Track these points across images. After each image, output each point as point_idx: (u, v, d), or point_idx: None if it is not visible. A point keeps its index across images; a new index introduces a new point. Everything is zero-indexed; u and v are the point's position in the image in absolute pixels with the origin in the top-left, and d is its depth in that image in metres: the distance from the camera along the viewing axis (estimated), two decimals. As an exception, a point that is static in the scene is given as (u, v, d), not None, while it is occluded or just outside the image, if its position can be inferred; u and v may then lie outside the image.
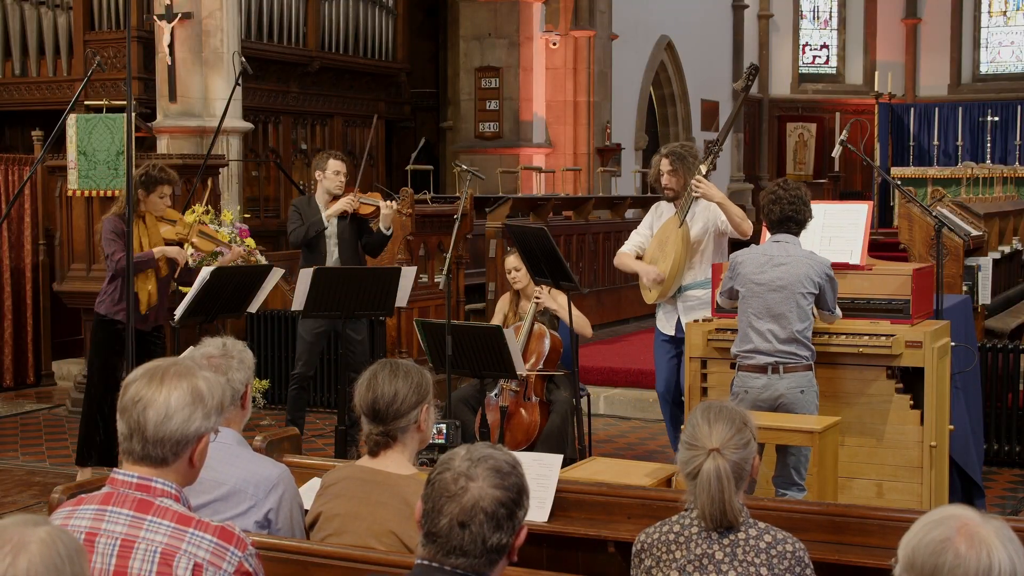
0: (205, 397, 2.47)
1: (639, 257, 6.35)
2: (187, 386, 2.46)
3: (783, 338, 5.02)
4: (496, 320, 6.81)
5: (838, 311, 5.23)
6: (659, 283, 6.14)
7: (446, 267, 6.30)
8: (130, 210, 5.68)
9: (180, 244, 6.59)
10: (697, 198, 6.07)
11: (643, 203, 13.24)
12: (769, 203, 5.20)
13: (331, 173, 7.16)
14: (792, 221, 5.16)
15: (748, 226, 6.12)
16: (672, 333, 6.25)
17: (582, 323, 6.50)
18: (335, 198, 7.17)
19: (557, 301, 6.49)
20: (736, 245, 6.03)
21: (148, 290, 6.39)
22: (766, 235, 5.39)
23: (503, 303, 6.87)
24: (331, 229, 7.20)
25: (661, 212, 6.40)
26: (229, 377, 3.35)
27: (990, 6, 23.15)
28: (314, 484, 3.45)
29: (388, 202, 7.13)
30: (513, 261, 6.68)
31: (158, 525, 2.38)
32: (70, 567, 1.83)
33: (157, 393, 2.44)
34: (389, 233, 7.25)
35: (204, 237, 6.70)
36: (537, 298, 6.47)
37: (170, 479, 2.46)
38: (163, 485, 2.44)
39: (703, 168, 6.06)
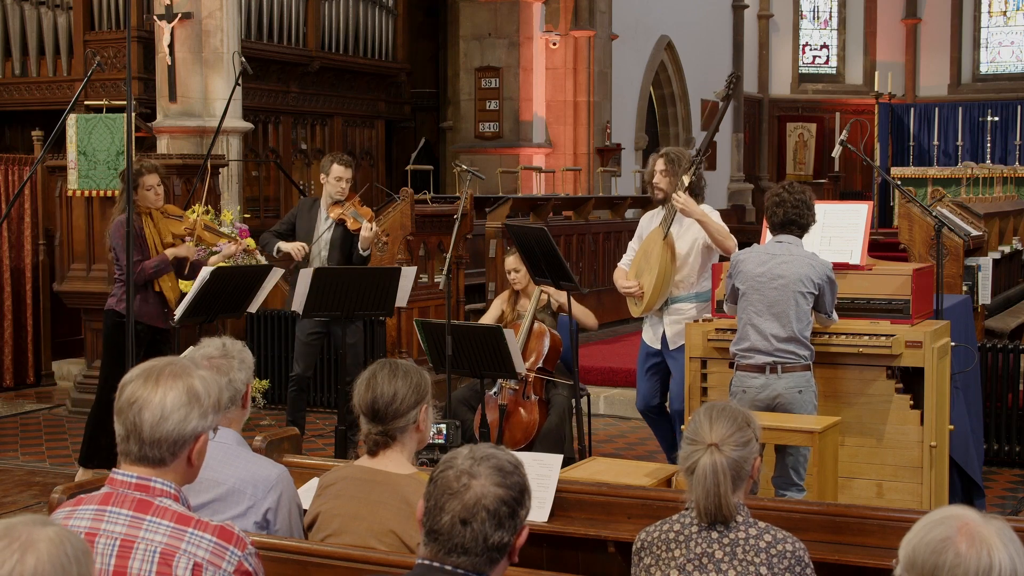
0: (201, 397, 2.46)
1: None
2: (183, 386, 2.45)
3: (783, 336, 5.02)
4: (491, 314, 6.81)
5: (835, 315, 5.22)
6: (636, 296, 6.09)
7: (446, 267, 6.30)
8: (130, 211, 5.68)
9: (184, 238, 6.70)
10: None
11: (643, 203, 13.23)
12: (773, 205, 5.20)
13: (333, 179, 7.13)
14: (795, 224, 5.16)
15: (731, 243, 5.98)
16: (657, 347, 6.19)
17: (586, 314, 6.53)
18: (336, 203, 7.15)
19: (559, 300, 6.50)
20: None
21: (171, 287, 6.57)
22: (766, 236, 5.38)
23: (501, 299, 6.87)
24: (326, 234, 7.18)
25: (650, 220, 6.34)
26: (231, 378, 3.34)
27: (990, 6, 23.16)
28: (313, 484, 3.45)
29: (369, 224, 7.02)
30: (513, 262, 6.67)
31: (157, 525, 2.38)
32: (77, 568, 1.83)
33: (153, 394, 2.43)
34: (366, 255, 7.15)
35: (209, 231, 6.84)
36: (543, 292, 6.46)
37: (168, 479, 2.45)
38: (162, 485, 2.44)
39: (685, 180, 5.93)
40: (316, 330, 7.18)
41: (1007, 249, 9.71)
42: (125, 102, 5.81)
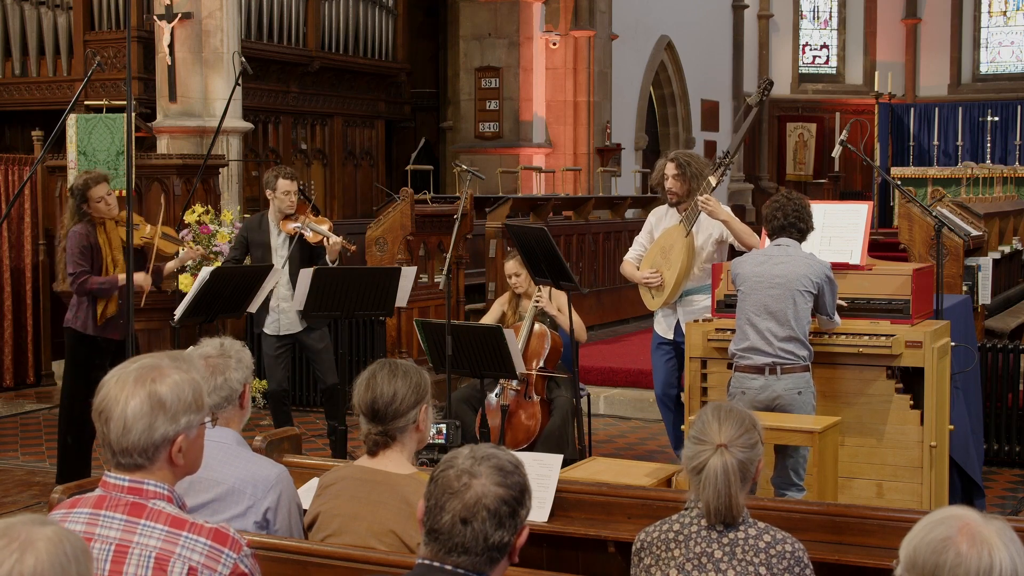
0: (167, 403, 2.39)
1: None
2: (145, 394, 2.37)
3: (782, 336, 5.01)
4: (492, 315, 6.81)
5: (837, 318, 5.21)
6: (660, 289, 6.18)
7: (446, 267, 6.30)
8: (130, 212, 5.67)
9: (143, 248, 6.40)
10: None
11: (643, 203, 13.24)
12: (772, 210, 5.23)
13: (281, 193, 7.01)
14: (794, 228, 5.17)
15: (756, 241, 6.06)
16: (671, 337, 6.27)
17: (578, 327, 6.51)
18: (287, 217, 7.08)
19: (558, 302, 6.49)
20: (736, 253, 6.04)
21: (102, 308, 6.24)
22: (766, 241, 5.40)
23: (502, 300, 6.87)
24: (283, 249, 7.07)
25: (660, 218, 6.41)
26: (227, 377, 3.34)
27: (990, 6, 23.15)
28: (313, 484, 3.45)
29: (337, 239, 6.88)
30: (512, 267, 6.66)
31: (152, 529, 2.36)
32: (76, 567, 1.83)
33: (115, 404, 2.37)
34: (335, 265, 6.97)
35: (167, 239, 6.62)
36: (537, 301, 6.47)
37: (158, 479, 2.43)
38: (155, 487, 2.41)
39: (712, 181, 6.02)
40: (283, 344, 7.08)
41: (1007, 249, 9.71)
42: (125, 102, 5.81)
